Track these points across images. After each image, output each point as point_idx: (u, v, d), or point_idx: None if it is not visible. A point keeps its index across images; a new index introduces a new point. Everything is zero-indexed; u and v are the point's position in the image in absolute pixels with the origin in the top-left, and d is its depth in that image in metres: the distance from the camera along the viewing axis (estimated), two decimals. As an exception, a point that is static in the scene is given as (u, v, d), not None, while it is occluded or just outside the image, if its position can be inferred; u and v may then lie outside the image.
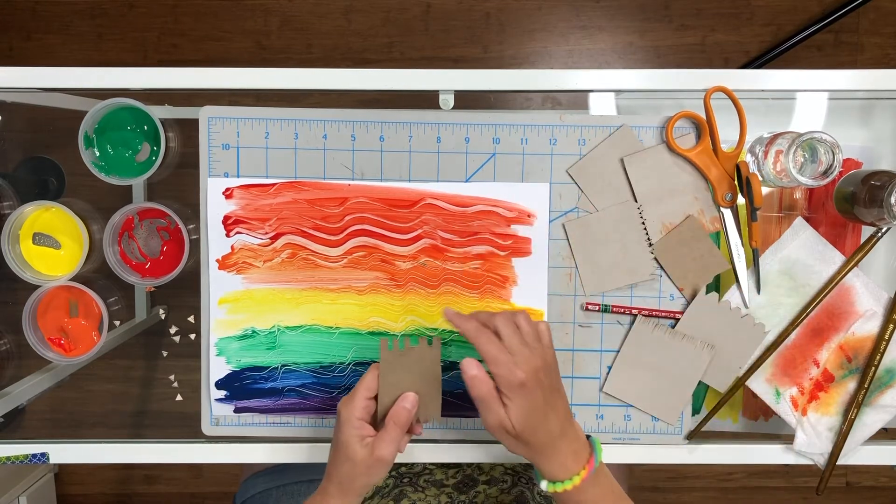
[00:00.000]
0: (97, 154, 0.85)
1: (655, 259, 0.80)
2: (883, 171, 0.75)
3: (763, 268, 0.79)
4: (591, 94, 0.82)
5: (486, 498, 0.87)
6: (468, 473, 0.91)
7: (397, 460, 0.69)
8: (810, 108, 0.83)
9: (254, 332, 0.82)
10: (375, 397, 0.69)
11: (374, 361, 0.70)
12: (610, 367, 0.81)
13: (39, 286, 0.85)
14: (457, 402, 0.82)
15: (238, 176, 0.81)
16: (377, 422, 0.70)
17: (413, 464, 0.93)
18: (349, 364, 0.82)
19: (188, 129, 0.84)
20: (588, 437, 0.68)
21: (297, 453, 0.83)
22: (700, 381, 0.80)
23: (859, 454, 0.82)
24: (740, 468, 1.69)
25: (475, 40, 1.59)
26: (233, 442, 0.83)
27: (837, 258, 0.80)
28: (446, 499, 0.86)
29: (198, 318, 0.82)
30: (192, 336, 1.02)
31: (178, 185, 0.90)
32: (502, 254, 0.81)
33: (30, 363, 0.95)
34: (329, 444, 0.71)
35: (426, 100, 0.81)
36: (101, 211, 0.88)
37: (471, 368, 0.63)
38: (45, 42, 1.59)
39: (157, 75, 0.81)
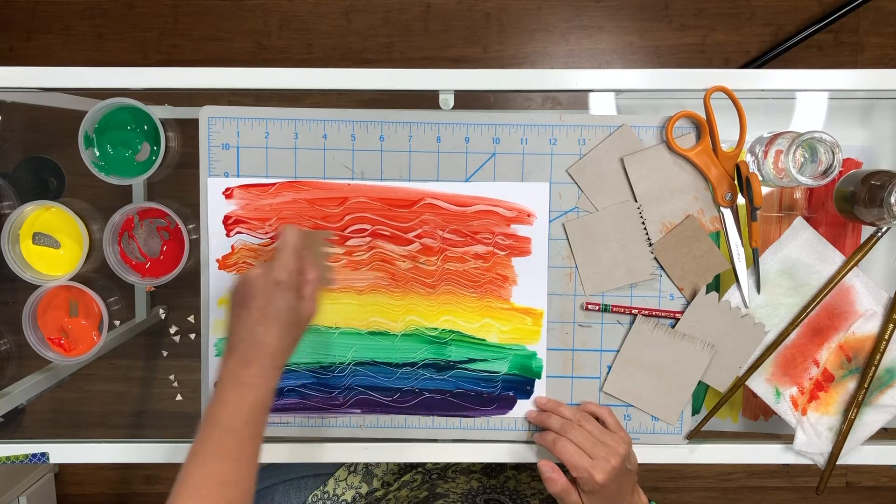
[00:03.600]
0: (97, 154, 0.85)
1: (655, 259, 0.80)
2: (883, 171, 0.75)
3: (763, 268, 0.79)
4: (591, 94, 0.82)
5: (517, 483, 0.87)
6: None
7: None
8: (810, 108, 0.83)
9: (254, 331, 0.82)
10: None
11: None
12: (610, 367, 0.81)
13: (39, 286, 0.85)
14: (457, 401, 0.82)
15: (238, 176, 0.81)
16: None
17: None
18: (349, 364, 0.82)
19: (188, 129, 0.84)
20: (650, 500, 0.75)
21: (298, 453, 0.83)
22: (700, 381, 0.80)
23: (859, 454, 0.82)
24: (740, 468, 1.69)
25: (475, 40, 1.59)
26: (233, 442, 0.83)
27: (837, 258, 0.80)
28: (477, 483, 0.87)
29: (198, 318, 0.82)
30: (192, 336, 1.02)
31: (178, 185, 0.90)
32: (502, 253, 0.81)
33: (30, 363, 0.95)
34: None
35: (426, 100, 0.81)
36: (101, 211, 0.88)
37: (547, 472, 0.71)
38: (45, 42, 1.59)
39: (157, 75, 0.81)
